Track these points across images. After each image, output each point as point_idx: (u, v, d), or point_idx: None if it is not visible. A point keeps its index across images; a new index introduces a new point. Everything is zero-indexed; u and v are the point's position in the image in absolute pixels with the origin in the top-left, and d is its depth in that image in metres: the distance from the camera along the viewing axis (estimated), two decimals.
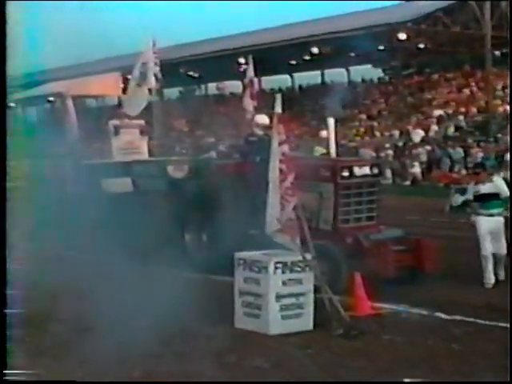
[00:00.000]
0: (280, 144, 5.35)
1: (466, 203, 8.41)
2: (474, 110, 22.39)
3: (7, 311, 3.95)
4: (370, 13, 26.42)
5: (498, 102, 21.63)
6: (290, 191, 5.26)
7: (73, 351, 4.68)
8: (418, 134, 21.51)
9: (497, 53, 24.36)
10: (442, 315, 5.68)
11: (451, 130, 21.46)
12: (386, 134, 23.23)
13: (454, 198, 13.99)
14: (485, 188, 6.87)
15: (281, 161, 5.29)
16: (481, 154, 18.33)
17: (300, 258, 5.28)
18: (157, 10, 66.14)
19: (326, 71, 30.11)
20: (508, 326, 5.19)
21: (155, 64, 9.63)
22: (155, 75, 9.63)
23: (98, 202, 8.16)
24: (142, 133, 10.16)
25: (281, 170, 5.28)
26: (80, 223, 8.26)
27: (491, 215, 6.80)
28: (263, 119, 7.73)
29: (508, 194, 6.88)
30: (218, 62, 26.69)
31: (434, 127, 21.88)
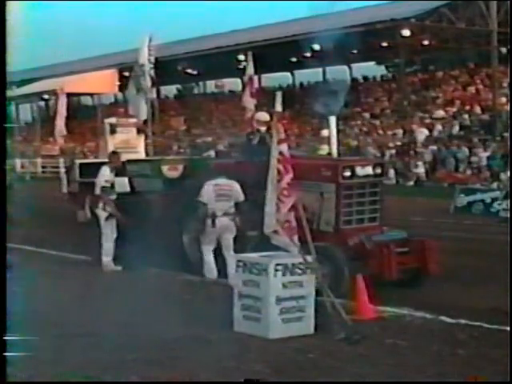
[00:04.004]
0: (278, 143, 5.24)
1: (471, 204, 8.31)
2: (479, 108, 22.19)
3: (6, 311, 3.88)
4: (372, 9, 26.25)
5: (504, 100, 21.41)
6: (285, 192, 5.17)
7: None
8: (422, 133, 21.35)
9: (503, 49, 24.11)
10: (447, 319, 5.57)
11: (456, 129, 21.28)
12: (389, 133, 23.07)
13: (459, 199, 13.87)
14: None
15: (278, 160, 5.20)
16: (486, 154, 18.16)
17: (301, 259, 5.18)
18: (154, 7, 66.49)
19: (328, 68, 29.95)
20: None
21: (149, 61, 9.57)
22: (149, 74, 9.57)
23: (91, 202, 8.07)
24: (138, 131, 10.10)
25: (278, 170, 5.19)
26: (73, 223, 8.23)
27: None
28: (264, 116, 7.64)
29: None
30: (216, 59, 26.57)
31: (439, 126, 21.70)
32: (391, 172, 18.98)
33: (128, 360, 4.45)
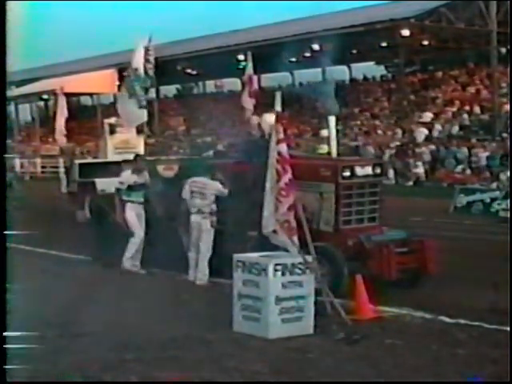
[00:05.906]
0: (277, 143, 5.25)
1: (470, 204, 8.31)
2: (478, 108, 22.20)
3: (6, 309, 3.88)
4: (372, 9, 26.24)
5: (504, 100, 21.41)
6: (283, 192, 5.19)
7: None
8: (421, 133, 21.35)
9: (503, 49, 24.11)
10: (446, 319, 5.58)
11: (456, 129, 21.28)
12: (389, 133, 23.07)
13: (459, 199, 13.86)
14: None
15: (277, 160, 5.20)
16: (485, 154, 18.16)
17: (300, 259, 5.18)
18: (154, 7, 66.68)
19: (327, 68, 29.91)
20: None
21: (148, 61, 9.54)
22: (148, 74, 9.54)
23: (90, 202, 8.14)
24: (138, 132, 10.12)
25: (276, 170, 5.19)
26: (73, 223, 8.23)
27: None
28: (264, 116, 7.64)
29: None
30: (216, 59, 26.56)
31: (438, 126, 21.70)
32: (391, 172, 18.98)
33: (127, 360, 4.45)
